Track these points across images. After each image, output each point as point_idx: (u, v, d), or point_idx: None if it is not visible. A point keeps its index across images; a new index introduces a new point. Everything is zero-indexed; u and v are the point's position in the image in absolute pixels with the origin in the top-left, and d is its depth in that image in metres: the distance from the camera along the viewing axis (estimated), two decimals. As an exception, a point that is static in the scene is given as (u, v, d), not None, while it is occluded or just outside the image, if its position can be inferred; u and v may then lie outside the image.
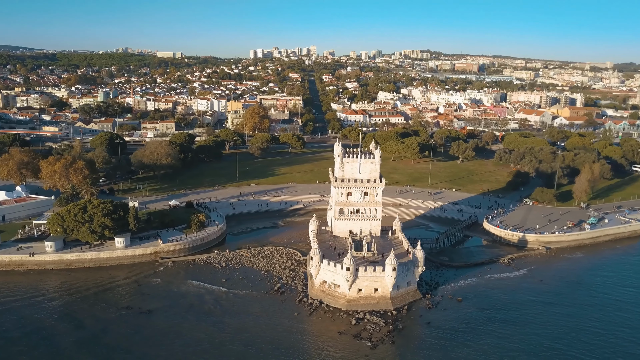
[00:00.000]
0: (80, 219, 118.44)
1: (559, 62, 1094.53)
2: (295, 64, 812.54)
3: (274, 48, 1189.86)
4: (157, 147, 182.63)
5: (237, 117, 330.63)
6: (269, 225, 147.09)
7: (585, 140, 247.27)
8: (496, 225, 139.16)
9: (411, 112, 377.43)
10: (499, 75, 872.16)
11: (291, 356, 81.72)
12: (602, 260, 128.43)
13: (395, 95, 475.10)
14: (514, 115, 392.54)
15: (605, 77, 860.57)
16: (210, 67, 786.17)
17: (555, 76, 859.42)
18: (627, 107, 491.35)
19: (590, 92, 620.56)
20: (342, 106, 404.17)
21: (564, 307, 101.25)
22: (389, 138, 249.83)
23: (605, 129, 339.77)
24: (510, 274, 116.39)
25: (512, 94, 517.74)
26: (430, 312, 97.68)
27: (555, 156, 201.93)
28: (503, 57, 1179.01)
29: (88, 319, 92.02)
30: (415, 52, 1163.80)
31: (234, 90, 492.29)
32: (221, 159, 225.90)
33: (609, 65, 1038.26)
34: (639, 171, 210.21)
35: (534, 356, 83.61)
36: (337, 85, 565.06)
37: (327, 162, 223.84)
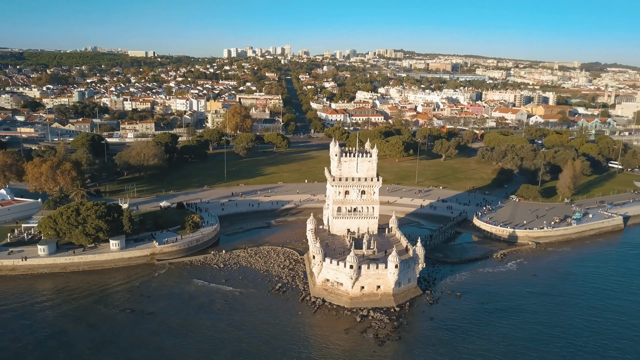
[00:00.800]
0: (73, 222, 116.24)
1: (529, 61, 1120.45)
2: (271, 63, 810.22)
3: (248, 47, 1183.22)
4: (143, 148, 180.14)
5: (217, 116, 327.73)
6: (262, 225, 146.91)
7: (563, 138, 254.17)
8: (487, 222, 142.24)
9: (391, 112, 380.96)
10: (472, 74, 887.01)
11: (303, 354, 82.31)
12: (588, 253, 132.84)
13: (374, 94, 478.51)
14: (490, 113, 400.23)
15: (574, 76, 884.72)
16: (185, 67, 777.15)
17: (526, 75, 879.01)
18: (596, 106, 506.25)
19: (560, 91, 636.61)
20: (322, 105, 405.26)
21: (557, 297, 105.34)
22: (372, 137, 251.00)
23: (579, 126, 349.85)
24: (503, 269, 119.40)
25: (487, 93, 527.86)
26: (431, 308, 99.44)
27: (536, 154, 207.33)
28: (475, 56, 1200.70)
29: (92, 323, 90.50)
30: (389, 52, 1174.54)
31: (211, 90, 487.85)
32: (206, 159, 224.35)
33: (576, 64, 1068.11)
34: (615, 167, 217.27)
35: (536, 343, 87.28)
36: (314, 85, 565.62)
37: (312, 162, 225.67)
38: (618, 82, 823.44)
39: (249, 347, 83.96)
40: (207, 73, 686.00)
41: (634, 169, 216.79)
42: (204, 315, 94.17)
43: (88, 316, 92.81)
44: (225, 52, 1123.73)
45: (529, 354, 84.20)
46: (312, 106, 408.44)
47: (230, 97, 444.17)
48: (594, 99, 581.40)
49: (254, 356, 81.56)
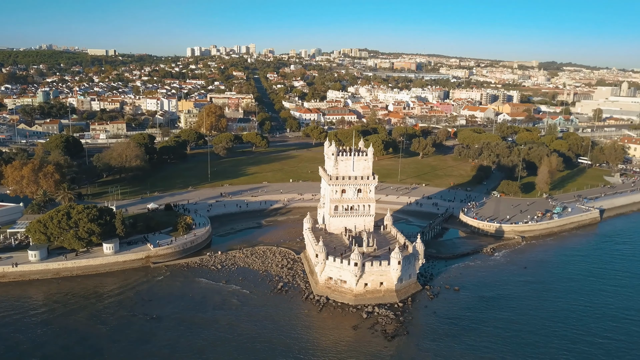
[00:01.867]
0: (64, 226, 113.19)
1: (489, 60, 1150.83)
2: (238, 62, 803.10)
3: (212, 46, 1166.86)
4: (124, 149, 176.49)
5: (190, 116, 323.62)
6: (253, 226, 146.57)
7: (533, 135, 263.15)
8: (474, 217, 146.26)
9: (363, 111, 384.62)
10: (436, 73, 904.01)
11: (317, 351, 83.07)
12: (571, 245, 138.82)
13: (345, 93, 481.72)
14: (459, 112, 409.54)
15: (533, 75, 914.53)
16: (149, 66, 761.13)
17: (488, 74, 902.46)
18: (557, 104, 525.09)
19: (521, 89, 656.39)
20: (294, 105, 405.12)
21: (547, 285, 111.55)
22: (350, 136, 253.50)
23: (545, 124, 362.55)
24: (495, 262, 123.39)
25: (455, 92, 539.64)
26: (433, 303, 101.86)
27: (511, 150, 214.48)
28: (437, 55, 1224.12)
29: (95, 329, 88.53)
30: (354, 51, 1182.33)
31: (179, 90, 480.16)
32: (185, 160, 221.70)
33: (534, 63, 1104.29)
34: (584, 163, 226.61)
35: (536, 328, 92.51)
36: (284, 84, 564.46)
37: (294, 161, 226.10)
38: (574, 80, 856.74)
39: (263, 347, 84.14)
40: (173, 72, 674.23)
41: (602, 164, 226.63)
42: (211, 316, 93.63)
43: (89, 322, 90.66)
44: (189, 51, 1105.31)
45: (530, 337, 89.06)
46: (284, 105, 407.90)
47: (200, 96, 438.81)
48: (554, 97, 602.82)
49: (271, 355, 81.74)
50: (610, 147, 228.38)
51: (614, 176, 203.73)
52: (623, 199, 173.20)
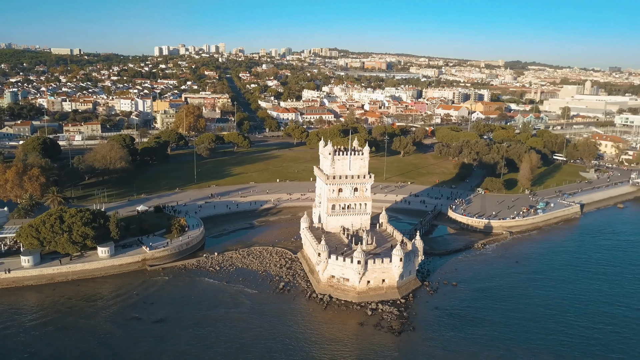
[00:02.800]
0: (57, 230, 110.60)
1: (457, 60, 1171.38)
2: (209, 62, 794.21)
3: (180, 45, 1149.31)
4: (109, 151, 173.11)
5: (167, 117, 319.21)
6: (246, 226, 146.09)
7: (509, 133, 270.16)
8: (462, 214, 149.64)
9: (340, 110, 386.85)
10: (407, 72, 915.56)
11: (328, 348, 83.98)
12: (556, 238, 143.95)
13: (320, 93, 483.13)
14: (434, 110, 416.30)
15: (500, 74, 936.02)
16: (117, 65, 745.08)
17: (457, 73, 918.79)
18: (525, 102, 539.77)
19: (490, 88, 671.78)
20: (271, 104, 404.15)
21: (540, 277, 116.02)
22: (332, 135, 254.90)
23: (516, 122, 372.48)
24: (487, 257, 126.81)
25: (427, 91, 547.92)
26: (433, 298, 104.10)
27: (491, 148, 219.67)
28: (407, 55, 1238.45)
29: (99, 336, 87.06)
30: (324, 50, 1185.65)
31: (152, 89, 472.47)
32: (168, 161, 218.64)
33: (501, 63, 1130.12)
34: (559, 159, 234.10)
35: (534, 317, 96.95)
36: (258, 83, 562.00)
37: (277, 161, 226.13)
38: (540, 79, 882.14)
39: (275, 344, 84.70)
40: (143, 72, 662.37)
41: (576, 161, 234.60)
42: (217, 317, 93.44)
43: (92, 328, 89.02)
44: (157, 50, 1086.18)
45: (529, 325, 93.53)
46: (260, 105, 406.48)
47: (174, 96, 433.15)
48: (522, 95, 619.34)
49: (285, 355, 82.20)
50: (583, 144, 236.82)
51: (589, 172, 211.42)
52: (600, 193, 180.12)
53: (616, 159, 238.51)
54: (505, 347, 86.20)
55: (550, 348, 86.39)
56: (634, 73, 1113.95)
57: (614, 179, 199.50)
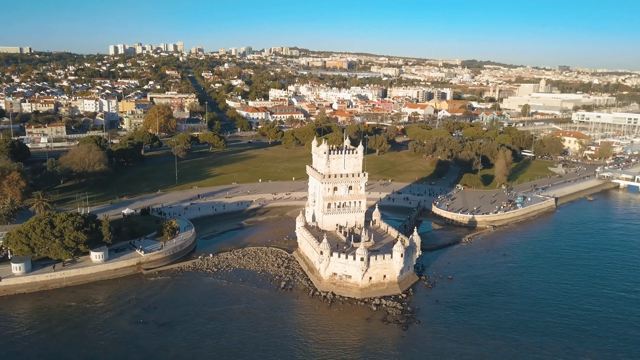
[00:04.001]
0: (48, 235, 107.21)
1: (416, 59, 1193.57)
2: (170, 61, 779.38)
3: (136, 44, 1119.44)
4: (86, 153, 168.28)
5: (135, 117, 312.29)
6: (235, 227, 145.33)
7: (478, 130, 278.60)
8: (447, 210, 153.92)
9: (309, 109, 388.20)
10: (368, 72, 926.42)
11: (340, 344, 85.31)
12: (536, 231, 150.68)
13: (288, 92, 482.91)
14: (400, 109, 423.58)
15: (458, 72, 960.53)
16: (72, 64, 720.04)
17: (417, 72, 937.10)
18: (485, 100, 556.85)
19: (450, 87, 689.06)
20: (239, 104, 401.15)
21: (529, 267, 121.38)
22: (307, 135, 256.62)
23: (479, 119, 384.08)
24: (475, 251, 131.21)
25: (392, 90, 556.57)
26: (432, 292, 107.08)
27: (464, 145, 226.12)
28: (366, 54, 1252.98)
29: (106, 343, 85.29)
30: (285, 49, 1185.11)
31: (114, 90, 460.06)
32: (143, 163, 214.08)
33: (458, 62, 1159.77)
34: (527, 155, 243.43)
35: (530, 304, 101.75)
36: (222, 83, 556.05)
37: (255, 161, 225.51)
38: (496, 77, 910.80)
39: (287, 342, 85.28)
40: (101, 71, 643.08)
41: (544, 156, 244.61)
42: (223, 318, 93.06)
43: (97, 335, 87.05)
44: (112, 49, 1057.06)
45: (527, 314, 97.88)
46: (228, 104, 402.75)
47: (138, 96, 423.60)
48: (481, 93, 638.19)
49: (303, 351, 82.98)
50: (550, 140, 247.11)
51: (557, 167, 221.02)
52: (571, 187, 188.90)
53: (580, 154, 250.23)
54: (508, 333, 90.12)
55: (549, 330, 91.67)
56: (582, 72, 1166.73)
57: (581, 173, 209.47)
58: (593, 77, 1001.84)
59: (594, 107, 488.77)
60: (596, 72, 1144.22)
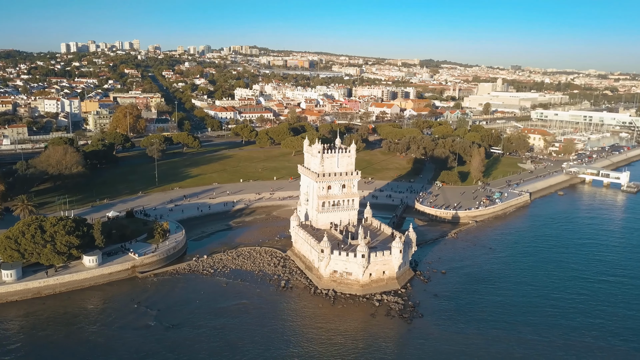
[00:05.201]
0: (39, 240, 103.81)
1: (376, 58, 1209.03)
2: (128, 59, 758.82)
3: (90, 42, 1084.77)
4: (63, 155, 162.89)
5: (100, 118, 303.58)
6: (224, 228, 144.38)
7: (447, 129, 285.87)
8: (431, 206, 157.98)
9: (278, 108, 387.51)
10: (330, 71, 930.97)
11: (349, 339, 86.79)
12: (516, 224, 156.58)
13: (254, 91, 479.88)
14: (367, 108, 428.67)
15: (418, 72, 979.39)
16: (23, 62, 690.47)
17: (377, 72, 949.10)
18: (447, 99, 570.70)
19: (410, 86, 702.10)
20: (206, 103, 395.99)
21: (516, 259, 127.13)
22: (282, 134, 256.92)
23: (444, 118, 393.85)
24: (463, 245, 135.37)
25: (357, 89, 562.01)
26: (429, 286, 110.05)
27: (437, 144, 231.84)
28: (326, 53, 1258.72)
29: (116, 347, 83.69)
30: (244, 48, 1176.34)
31: (73, 89, 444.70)
32: (117, 164, 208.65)
33: (416, 61, 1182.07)
34: (496, 152, 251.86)
35: (524, 299, 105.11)
36: (185, 82, 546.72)
37: (232, 161, 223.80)
38: (454, 77, 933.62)
39: (296, 339, 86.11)
40: (56, 70, 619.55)
41: (512, 153, 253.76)
42: (230, 318, 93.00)
43: (102, 341, 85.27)
44: (63, 47, 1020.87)
45: (523, 303, 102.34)
46: (195, 104, 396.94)
47: (99, 96, 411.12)
48: (441, 92, 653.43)
49: (318, 345, 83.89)
50: (517, 137, 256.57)
51: (527, 163, 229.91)
52: (542, 182, 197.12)
53: (545, 151, 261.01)
54: (507, 322, 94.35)
55: (543, 319, 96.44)
56: (533, 71, 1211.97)
57: (549, 169, 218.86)
58: (544, 77, 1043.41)
59: (549, 106, 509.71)
60: (547, 72, 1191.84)
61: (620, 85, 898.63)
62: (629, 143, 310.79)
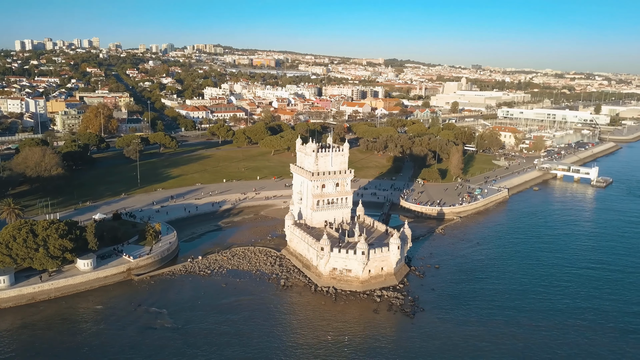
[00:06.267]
0: (32, 245, 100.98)
1: (341, 57, 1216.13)
2: (89, 58, 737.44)
3: (46, 39, 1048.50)
4: (41, 157, 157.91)
5: (69, 118, 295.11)
6: (213, 229, 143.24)
7: (422, 127, 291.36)
8: (417, 203, 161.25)
9: (250, 108, 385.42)
10: (296, 70, 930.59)
11: (359, 338, 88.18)
12: (497, 219, 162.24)
13: (225, 90, 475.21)
14: (338, 107, 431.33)
15: (383, 71, 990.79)
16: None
17: (343, 71, 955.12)
18: (414, 98, 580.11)
19: (377, 85, 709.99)
20: (176, 102, 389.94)
21: (503, 252, 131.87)
22: (259, 133, 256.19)
23: (414, 116, 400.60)
24: (451, 240, 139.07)
25: (327, 88, 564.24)
26: (425, 281, 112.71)
27: (414, 142, 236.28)
28: (291, 52, 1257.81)
29: (125, 351, 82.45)
30: (208, 47, 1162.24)
31: (35, 89, 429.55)
32: (94, 166, 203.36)
33: (381, 60, 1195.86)
34: (470, 149, 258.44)
35: (517, 291, 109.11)
36: (152, 81, 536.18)
37: (212, 161, 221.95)
38: (419, 76, 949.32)
39: (309, 337, 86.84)
40: (13, 68, 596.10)
41: (485, 150, 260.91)
42: (236, 318, 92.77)
43: (110, 346, 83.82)
44: (18, 44, 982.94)
45: (514, 292, 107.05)
46: (165, 103, 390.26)
47: (63, 95, 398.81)
48: (408, 91, 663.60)
49: (325, 347, 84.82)
50: (489, 135, 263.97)
51: (501, 160, 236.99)
52: (517, 179, 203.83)
53: (516, 148, 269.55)
54: (505, 312, 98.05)
55: (535, 304, 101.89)
56: (493, 70, 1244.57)
57: (523, 166, 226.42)
58: (504, 76, 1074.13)
59: (514, 104, 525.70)
60: (506, 71, 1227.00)
61: (576, 84, 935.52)
62: (591, 140, 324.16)
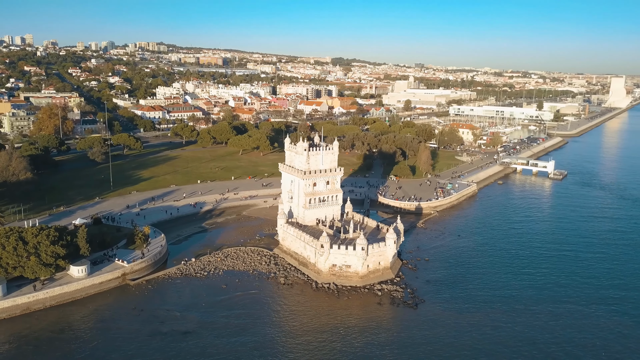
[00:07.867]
0: (22, 252, 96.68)
1: (288, 56, 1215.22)
2: (26, 55, 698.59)
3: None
4: (8, 162, 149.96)
5: (17, 120, 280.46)
6: (199, 230, 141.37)
7: (384, 125, 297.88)
8: (395, 199, 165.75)
9: (207, 107, 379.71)
10: (245, 68, 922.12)
11: (370, 330, 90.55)
12: (471, 211, 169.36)
13: (178, 90, 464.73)
14: (295, 106, 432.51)
15: (332, 70, 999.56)
16: None
17: (292, 70, 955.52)
18: (366, 97, 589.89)
19: (329, 84, 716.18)
20: (129, 102, 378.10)
21: (487, 242, 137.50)
22: (225, 133, 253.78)
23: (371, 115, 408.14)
24: (434, 234, 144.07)
25: (281, 87, 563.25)
26: (419, 273, 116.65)
27: (379, 140, 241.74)
28: (237, 51, 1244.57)
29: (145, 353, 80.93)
30: (151, 45, 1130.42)
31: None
32: (58, 169, 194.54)
33: (328, 59, 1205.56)
34: (432, 146, 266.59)
35: (510, 274, 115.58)
36: (98, 80, 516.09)
37: (181, 162, 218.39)
38: (366, 75, 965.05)
39: (319, 334, 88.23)
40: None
41: (446, 147, 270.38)
42: (243, 318, 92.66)
43: (119, 352, 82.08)
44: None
45: (506, 277, 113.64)
46: (118, 104, 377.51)
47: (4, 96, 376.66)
48: (359, 90, 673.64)
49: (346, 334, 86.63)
50: (449, 132, 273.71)
51: (463, 156, 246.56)
52: (482, 173, 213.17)
53: (474, 144, 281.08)
54: (500, 298, 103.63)
55: (521, 291, 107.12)
56: (436, 69, 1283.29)
57: (485, 161, 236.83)
58: (447, 74, 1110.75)
59: (462, 102, 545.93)
60: (448, 69, 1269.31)
61: (515, 82, 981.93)
62: (539, 135, 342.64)
